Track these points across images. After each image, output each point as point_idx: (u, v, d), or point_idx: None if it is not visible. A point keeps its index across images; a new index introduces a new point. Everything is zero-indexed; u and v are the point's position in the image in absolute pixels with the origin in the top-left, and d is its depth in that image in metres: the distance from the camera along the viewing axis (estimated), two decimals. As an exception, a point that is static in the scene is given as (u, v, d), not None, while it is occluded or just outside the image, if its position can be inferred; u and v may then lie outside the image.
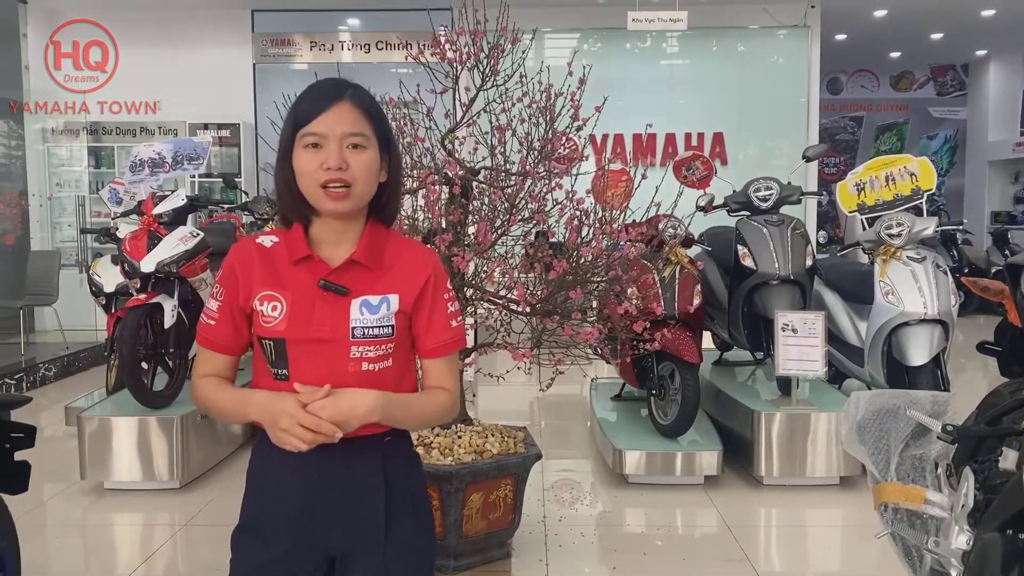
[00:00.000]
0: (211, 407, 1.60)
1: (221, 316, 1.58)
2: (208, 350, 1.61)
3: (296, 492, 1.55)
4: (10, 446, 2.14)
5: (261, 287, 1.55)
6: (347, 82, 1.58)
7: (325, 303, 1.53)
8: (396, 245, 1.61)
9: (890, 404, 1.88)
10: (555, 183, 3.45)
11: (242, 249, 1.60)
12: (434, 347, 1.61)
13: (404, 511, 1.59)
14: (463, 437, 3.46)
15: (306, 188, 1.52)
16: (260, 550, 1.57)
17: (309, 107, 1.52)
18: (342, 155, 1.50)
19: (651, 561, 3.56)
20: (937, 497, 1.64)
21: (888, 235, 4.66)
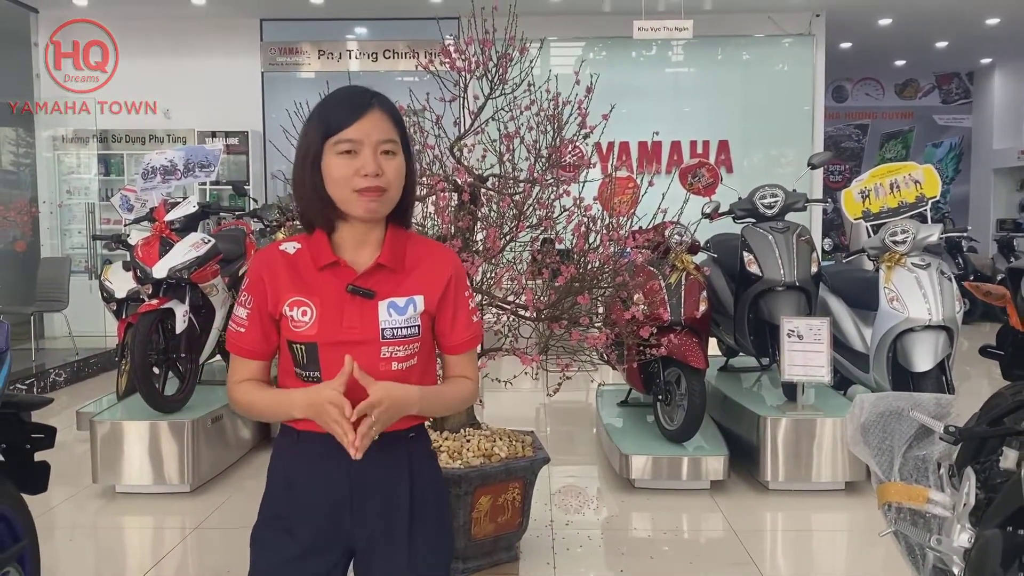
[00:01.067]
0: (251, 410, 1.65)
1: (251, 323, 1.61)
2: (240, 357, 1.64)
3: (325, 486, 1.59)
4: (30, 447, 2.19)
5: (289, 293, 1.58)
6: (371, 90, 1.61)
7: (354, 306, 1.57)
8: (417, 247, 1.66)
9: (894, 406, 1.92)
10: (563, 190, 3.49)
11: (267, 256, 1.64)
12: (458, 344, 1.67)
13: (428, 503, 1.64)
14: (472, 441, 3.50)
15: (338, 193, 1.55)
16: (285, 545, 1.60)
17: (342, 115, 1.55)
18: (378, 162, 1.54)
19: (657, 565, 3.60)
20: (940, 497, 1.68)
21: (893, 242, 4.69)
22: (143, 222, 5.28)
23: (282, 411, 1.59)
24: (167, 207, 4.73)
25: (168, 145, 9.83)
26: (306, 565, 1.60)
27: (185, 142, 9.90)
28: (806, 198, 5.11)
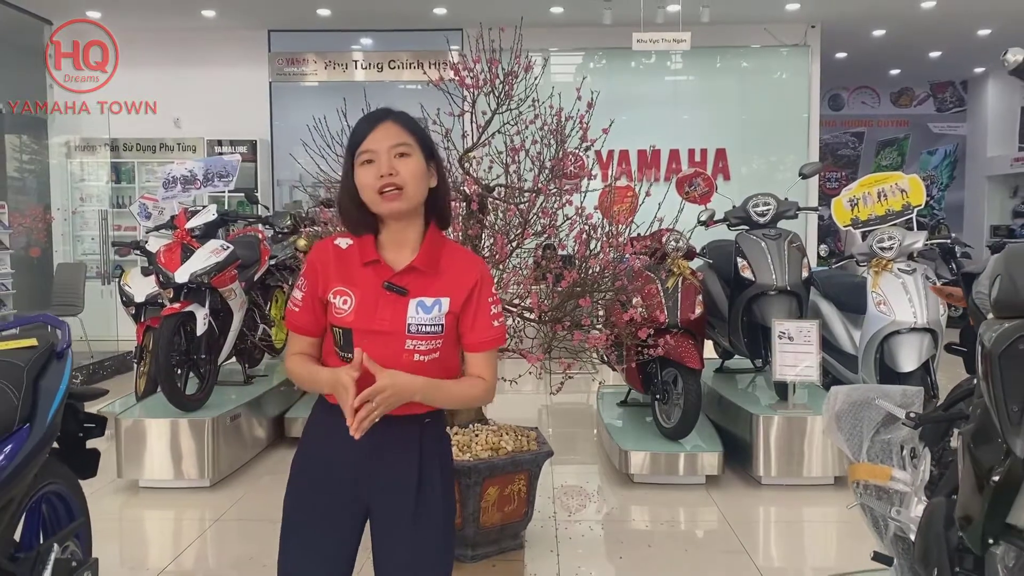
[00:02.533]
0: (297, 379, 1.89)
1: (304, 304, 1.85)
2: (295, 332, 1.89)
3: (344, 454, 1.81)
4: (83, 435, 2.41)
5: (336, 282, 1.82)
6: (391, 109, 1.86)
7: (387, 301, 1.79)
8: (450, 252, 1.88)
9: (864, 396, 2.14)
10: (566, 199, 3.71)
11: (322, 249, 1.88)
12: (477, 343, 1.86)
13: (434, 477, 1.86)
14: (480, 435, 3.72)
15: (367, 197, 1.79)
16: (314, 491, 1.86)
17: (360, 132, 1.81)
18: (391, 163, 1.76)
19: (655, 552, 3.81)
20: (901, 475, 1.89)
21: (880, 248, 4.92)
22: (162, 229, 5.50)
23: (313, 382, 1.85)
24: (188, 215, 4.96)
25: (178, 154, 10.08)
26: (328, 515, 1.85)
27: (195, 151, 10.15)
28: (797, 206, 5.33)
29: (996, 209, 13.92)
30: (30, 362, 2.06)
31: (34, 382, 2.04)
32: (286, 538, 1.90)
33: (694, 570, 3.65)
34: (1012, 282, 1.43)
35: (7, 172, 9.81)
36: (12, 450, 1.89)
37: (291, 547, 1.89)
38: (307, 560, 1.87)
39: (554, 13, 9.72)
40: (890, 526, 1.93)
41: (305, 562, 1.87)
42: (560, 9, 9.62)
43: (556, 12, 9.70)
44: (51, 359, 2.15)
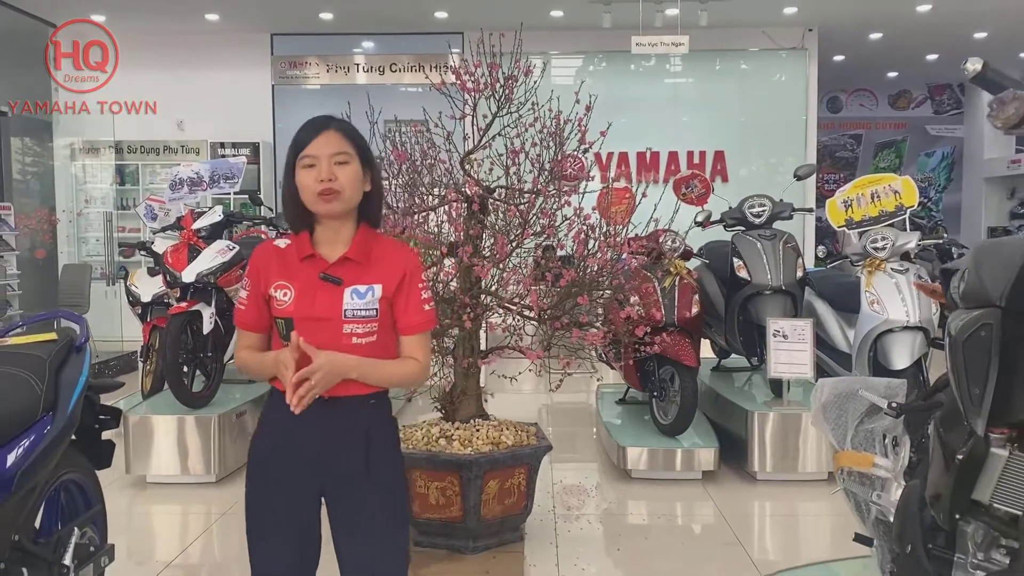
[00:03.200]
0: (249, 369, 2.05)
1: (249, 302, 2.02)
2: (242, 329, 2.05)
3: (296, 434, 1.95)
4: (99, 427, 2.51)
5: (276, 278, 1.98)
6: (333, 117, 2.03)
7: (324, 290, 1.96)
8: (381, 245, 2.05)
9: (849, 388, 2.23)
10: (564, 200, 3.81)
11: (263, 250, 2.06)
12: (410, 326, 2.02)
13: (382, 456, 2.01)
14: (481, 430, 3.81)
15: (307, 198, 1.94)
16: (271, 475, 2.00)
17: (304, 137, 1.96)
18: (331, 169, 1.92)
19: (652, 545, 3.91)
20: (883, 461, 1.99)
21: (873, 249, 5.00)
22: (168, 230, 5.60)
23: (262, 369, 2.00)
24: (194, 216, 5.06)
25: (182, 156, 10.18)
26: (286, 496, 1.98)
27: (198, 153, 10.26)
28: (792, 207, 5.42)
29: (993, 211, 14.00)
30: (52, 355, 2.16)
31: (56, 374, 2.13)
32: (251, 528, 2.04)
33: (690, 562, 3.74)
34: (977, 275, 1.53)
35: (13, 174, 9.90)
36: (36, 438, 1.98)
37: (257, 535, 2.03)
38: (274, 545, 2.00)
39: (554, 17, 9.82)
40: (872, 510, 2.02)
41: (273, 547, 2.01)
42: (560, 13, 9.72)
43: (556, 16, 9.80)
44: (71, 352, 2.24)
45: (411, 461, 3.66)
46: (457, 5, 9.37)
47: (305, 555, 2.03)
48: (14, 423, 1.95)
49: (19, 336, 2.27)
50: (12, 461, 1.88)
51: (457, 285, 3.81)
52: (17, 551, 1.99)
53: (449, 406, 3.98)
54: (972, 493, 1.47)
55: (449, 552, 3.67)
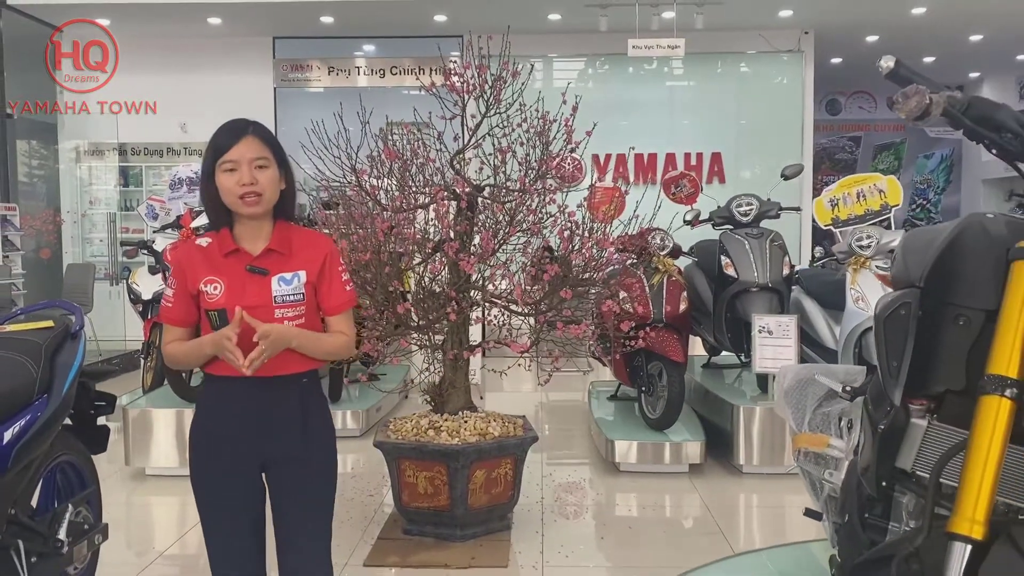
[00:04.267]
0: (178, 359, 2.15)
1: (176, 300, 2.12)
2: (169, 325, 2.15)
3: (235, 414, 2.09)
4: (94, 412, 2.62)
5: (204, 274, 2.09)
6: (249, 120, 2.14)
7: (252, 281, 2.09)
8: (300, 235, 2.20)
9: (809, 374, 2.33)
10: (549, 198, 3.91)
11: (185, 249, 2.19)
12: (334, 306, 2.17)
13: (317, 427, 2.16)
14: (469, 422, 3.92)
15: (228, 200, 2.06)
16: (213, 456, 2.12)
17: (224, 142, 2.07)
18: (252, 174, 2.04)
19: (635, 533, 4.01)
20: (837, 442, 2.08)
21: (859, 247, 5.10)
22: (168, 229, 5.71)
23: (198, 351, 2.10)
24: (193, 215, 5.17)
25: (184, 158, 10.31)
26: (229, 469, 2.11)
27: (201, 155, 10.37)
28: (780, 206, 5.51)
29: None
30: (47, 340, 2.27)
31: (51, 358, 2.25)
32: (202, 508, 2.17)
33: (671, 549, 3.84)
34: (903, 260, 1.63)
35: (19, 176, 10.05)
36: (32, 417, 2.10)
37: (207, 515, 2.17)
38: (223, 520, 2.15)
39: (552, 20, 9.93)
40: (825, 487, 2.12)
41: (222, 522, 2.15)
42: (558, 16, 9.83)
43: (554, 19, 9.91)
44: (66, 338, 2.36)
45: (400, 451, 3.77)
46: (456, 9, 9.48)
47: (256, 531, 2.18)
48: (11, 403, 2.06)
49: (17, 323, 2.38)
50: (9, 438, 2.00)
51: (444, 280, 3.91)
52: (14, 525, 2.11)
53: (438, 398, 4.08)
54: (896, 461, 1.58)
55: (437, 540, 3.77)
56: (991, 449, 1.31)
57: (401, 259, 3.99)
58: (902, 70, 1.59)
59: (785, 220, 5.88)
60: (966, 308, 1.48)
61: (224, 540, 2.16)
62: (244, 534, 2.15)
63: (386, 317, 3.85)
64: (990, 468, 1.30)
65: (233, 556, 2.16)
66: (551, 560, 3.62)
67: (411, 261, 4.05)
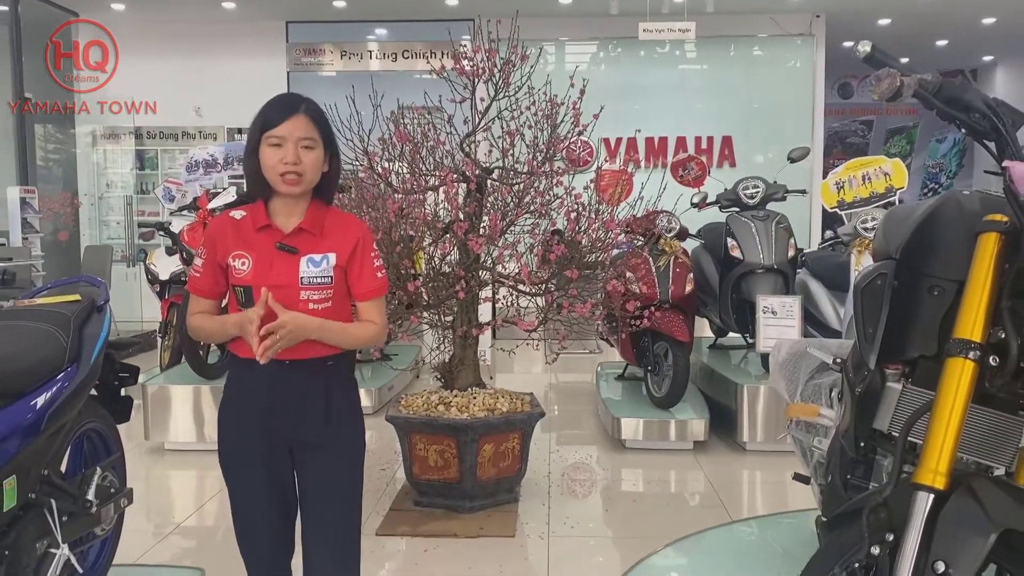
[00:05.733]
0: (202, 333, 2.14)
1: (205, 270, 2.10)
2: (197, 296, 2.13)
3: (259, 396, 2.07)
4: (118, 383, 2.75)
5: (233, 248, 2.06)
6: (303, 97, 2.09)
7: (281, 259, 2.05)
8: (334, 217, 2.15)
9: (802, 348, 2.43)
10: (556, 180, 4.01)
11: (219, 221, 2.15)
12: (365, 292, 2.12)
13: (342, 419, 2.13)
14: (477, 398, 4.03)
15: (269, 175, 2.03)
16: (242, 436, 2.11)
17: (273, 116, 2.02)
18: (297, 153, 2.00)
19: (639, 507, 4.12)
20: (827, 412, 2.18)
21: (863, 229, 5.17)
22: (184, 211, 5.84)
23: (222, 330, 2.08)
24: (209, 197, 5.30)
25: (199, 142, 10.45)
26: (256, 449, 2.10)
27: (216, 138, 10.52)
28: (786, 188, 5.59)
29: (1004, 196, 14.00)
30: (76, 312, 2.39)
31: (79, 330, 2.37)
32: (231, 484, 2.16)
33: (674, 521, 3.93)
34: (882, 234, 1.72)
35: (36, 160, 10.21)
36: (62, 385, 2.22)
37: (236, 490, 2.15)
38: (253, 497, 2.12)
39: (563, 3, 9.98)
40: (814, 454, 2.23)
41: (251, 499, 2.12)
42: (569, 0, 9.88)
43: (565, 2, 9.95)
44: (93, 311, 2.48)
45: (411, 425, 3.89)
46: (468, -8, 9.55)
47: (286, 514, 2.15)
48: (43, 371, 2.18)
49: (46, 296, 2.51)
50: (42, 403, 2.12)
51: (454, 260, 4.02)
52: (46, 485, 2.24)
53: (448, 375, 4.20)
54: (874, 423, 1.67)
55: (447, 511, 3.89)
56: (954, 407, 1.40)
57: (412, 240, 4.10)
58: (877, 54, 1.68)
59: (795, 203, 5.96)
60: (940, 279, 1.57)
61: (252, 523, 2.14)
62: (272, 518, 2.12)
63: (397, 297, 3.96)
64: (953, 424, 1.40)
65: (261, 539, 2.14)
66: (557, 531, 3.74)
67: (421, 242, 4.15)
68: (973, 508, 1.31)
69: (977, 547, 1.29)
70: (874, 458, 1.76)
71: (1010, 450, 1.55)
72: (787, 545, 3.57)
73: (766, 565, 3.26)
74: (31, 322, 2.28)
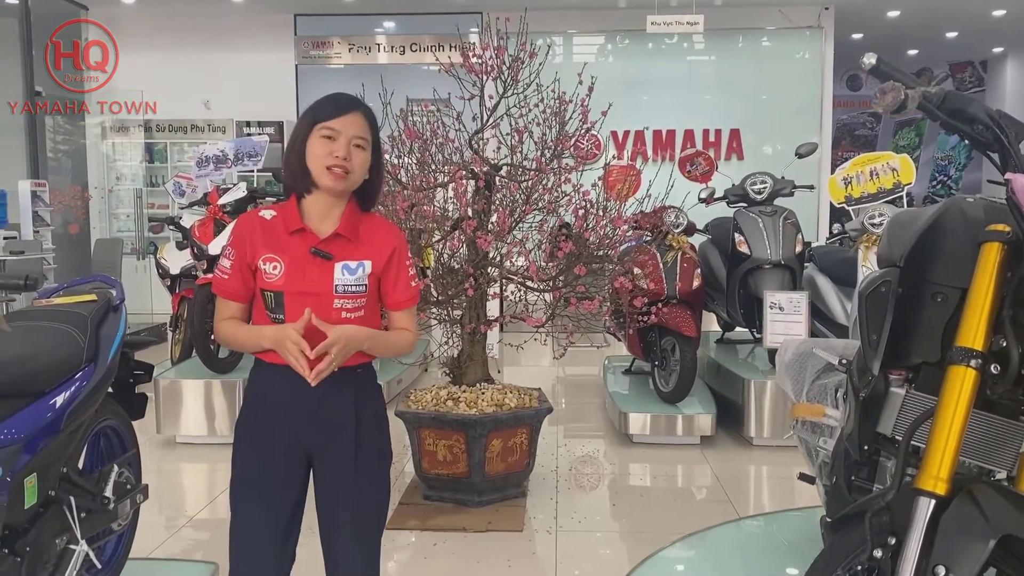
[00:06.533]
0: (231, 341, 2.06)
1: (233, 272, 2.01)
2: (225, 299, 2.04)
3: (286, 406, 1.99)
4: (133, 380, 2.79)
5: (264, 250, 1.98)
6: (360, 100, 2.05)
7: (315, 265, 1.97)
8: (370, 223, 2.09)
9: (808, 348, 2.46)
10: (565, 177, 4.03)
11: (248, 220, 2.06)
12: (399, 301, 2.08)
13: (370, 428, 2.06)
14: (486, 393, 4.07)
15: (314, 166, 1.96)
16: (258, 451, 2.02)
17: (330, 109, 1.98)
18: (348, 150, 1.95)
19: (646, 501, 4.16)
20: (833, 412, 2.21)
21: (871, 225, 5.17)
22: (195, 206, 5.89)
23: (254, 341, 1.99)
24: (220, 192, 5.34)
25: (208, 135, 10.50)
26: (276, 463, 2.01)
27: (224, 131, 10.56)
28: (793, 184, 5.59)
29: (1013, 189, 13.94)
30: (92, 312, 2.43)
31: (96, 329, 2.41)
32: (238, 495, 2.05)
33: (681, 516, 3.97)
34: (887, 240, 1.75)
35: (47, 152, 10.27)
36: (80, 384, 2.26)
37: (243, 503, 2.04)
38: (259, 514, 2.02)
39: (569, -4, 9.98)
40: (819, 454, 2.26)
41: (258, 517, 2.02)
42: (577, -8, 9.88)
43: (573, -5, 9.96)
44: (109, 311, 2.52)
45: (420, 420, 3.93)
46: (475, -15, 9.55)
47: (291, 523, 2.06)
48: (61, 371, 2.22)
49: (63, 296, 2.55)
50: (61, 402, 2.16)
51: (463, 257, 4.05)
52: (65, 482, 2.28)
53: (457, 370, 4.24)
54: (877, 427, 1.71)
55: (456, 505, 3.94)
56: (956, 414, 1.43)
57: (421, 236, 4.13)
58: (883, 66, 1.71)
59: (803, 198, 5.95)
60: (943, 286, 1.60)
61: (253, 537, 2.04)
62: (277, 534, 2.04)
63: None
64: (955, 431, 1.42)
65: (261, 556, 2.03)
66: (565, 525, 3.78)
67: (431, 238, 4.18)
68: (974, 514, 1.34)
69: (977, 552, 1.32)
70: (878, 460, 1.79)
71: (1011, 454, 1.58)
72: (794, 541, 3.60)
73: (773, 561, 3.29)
74: (49, 322, 2.32)
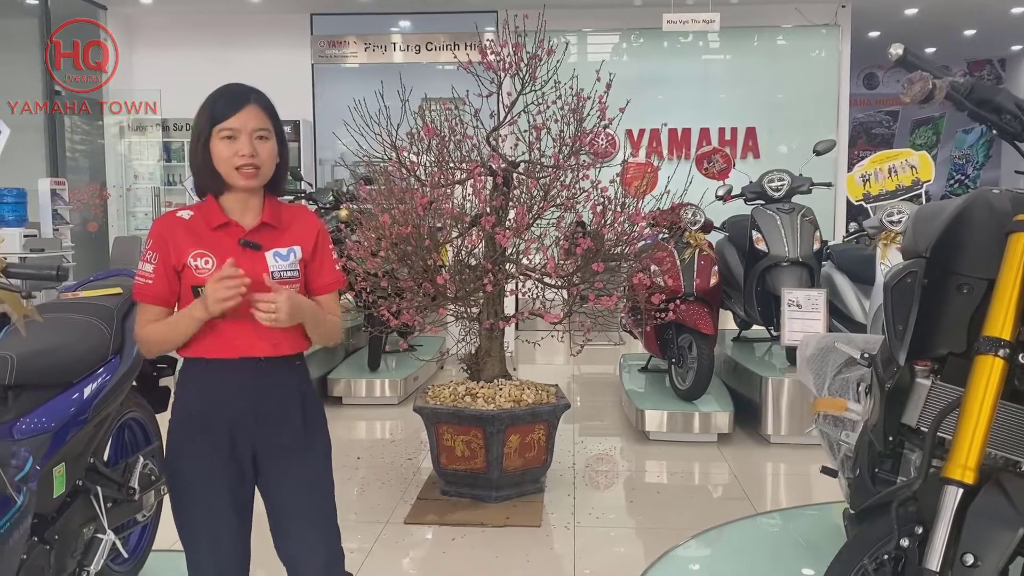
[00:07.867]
0: (158, 340, 1.97)
1: (157, 275, 1.94)
2: (148, 304, 1.97)
3: (227, 403, 1.95)
4: (156, 374, 2.82)
5: (191, 248, 1.94)
6: (250, 87, 2.00)
7: (246, 256, 1.94)
8: (291, 211, 2.09)
9: (830, 342, 2.46)
10: (583, 174, 4.04)
11: (166, 221, 2.00)
12: (325, 284, 2.07)
13: (314, 414, 2.07)
14: (503, 389, 4.08)
15: (222, 169, 1.93)
16: (204, 453, 1.96)
17: (223, 108, 1.92)
18: (252, 145, 1.91)
19: (663, 498, 4.16)
20: (855, 406, 2.21)
21: (889, 222, 5.15)
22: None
23: (176, 328, 1.92)
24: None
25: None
26: (225, 473, 1.96)
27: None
28: (811, 181, 5.58)
29: (1032, 188, 13.85)
30: (118, 306, 2.46)
31: (122, 322, 2.44)
32: (183, 499, 2.00)
33: (698, 513, 3.97)
34: (912, 232, 1.75)
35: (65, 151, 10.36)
36: (106, 376, 2.29)
37: (189, 507, 1.99)
38: (208, 515, 1.98)
39: (586, -6, 9.98)
40: (841, 447, 2.26)
41: (207, 518, 1.98)
42: (593, -10, 9.88)
43: (589, -7, 9.96)
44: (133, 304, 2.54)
45: (438, 416, 3.95)
46: (491, -16, 9.57)
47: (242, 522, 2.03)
48: (89, 362, 2.26)
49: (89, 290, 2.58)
50: (88, 393, 2.19)
51: (481, 253, 4.07)
52: (92, 472, 2.31)
53: (474, 366, 4.25)
54: (902, 418, 1.71)
55: (473, 500, 3.95)
56: (984, 403, 1.43)
57: (439, 233, 4.15)
58: (909, 57, 1.71)
59: (820, 195, 5.94)
60: (969, 277, 1.60)
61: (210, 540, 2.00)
62: (232, 530, 2.00)
63: (424, 289, 4.01)
64: (982, 420, 1.43)
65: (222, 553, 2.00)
66: (582, 521, 3.78)
67: (449, 235, 4.20)
68: (1002, 502, 1.34)
69: (1005, 540, 1.32)
70: (902, 452, 1.79)
71: (1038, 445, 1.58)
72: (811, 538, 3.60)
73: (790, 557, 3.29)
74: (76, 315, 2.36)
